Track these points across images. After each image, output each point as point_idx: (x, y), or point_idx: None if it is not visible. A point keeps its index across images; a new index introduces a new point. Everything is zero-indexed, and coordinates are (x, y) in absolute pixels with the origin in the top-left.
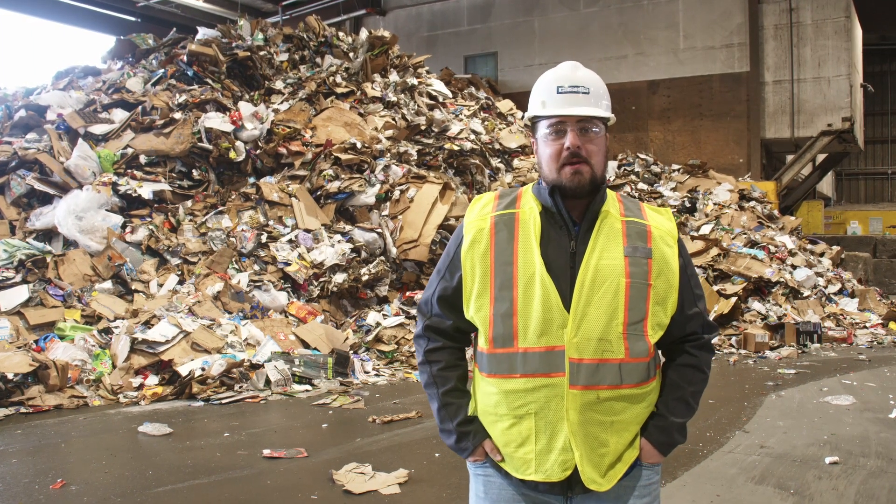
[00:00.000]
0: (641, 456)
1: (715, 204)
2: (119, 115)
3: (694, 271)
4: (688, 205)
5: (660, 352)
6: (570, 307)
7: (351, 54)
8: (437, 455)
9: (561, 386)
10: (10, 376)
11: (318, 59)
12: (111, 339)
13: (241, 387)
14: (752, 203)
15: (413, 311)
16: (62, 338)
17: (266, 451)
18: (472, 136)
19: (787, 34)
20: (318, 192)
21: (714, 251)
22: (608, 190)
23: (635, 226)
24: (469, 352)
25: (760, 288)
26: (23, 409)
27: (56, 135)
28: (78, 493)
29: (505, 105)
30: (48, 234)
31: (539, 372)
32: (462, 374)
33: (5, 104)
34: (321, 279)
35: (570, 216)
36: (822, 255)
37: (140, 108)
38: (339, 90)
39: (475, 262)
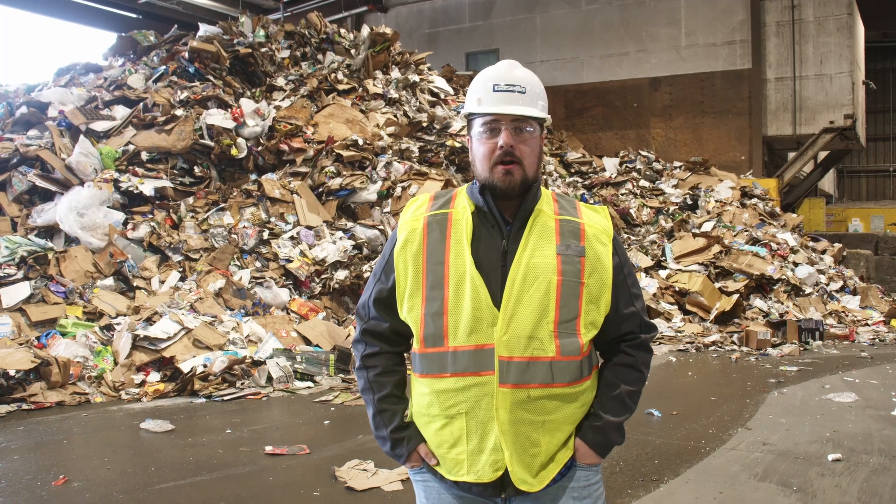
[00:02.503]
0: (576, 456)
1: (717, 201)
2: (120, 111)
3: (631, 270)
4: (689, 202)
5: (598, 352)
6: (501, 305)
7: (353, 51)
8: None
9: (491, 384)
10: (11, 373)
11: (320, 56)
12: (113, 335)
13: (242, 384)
14: (754, 200)
15: None
16: (64, 334)
17: (268, 448)
18: None
19: (790, 31)
20: (320, 189)
21: (716, 248)
22: (543, 189)
23: (569, 224)
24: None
25: (762, 285)
26: (25, 406)
27: (58, 131)
28: (80, 489)
29: None
30: (50, 231)
31: (469, 371)
32: (399, 380)
33: (7, 101)
34: (323, 276)
35: (503, 215)
36: (823, 252)
37: (141, 104)
38: (340, 87)
39: (408, 263)
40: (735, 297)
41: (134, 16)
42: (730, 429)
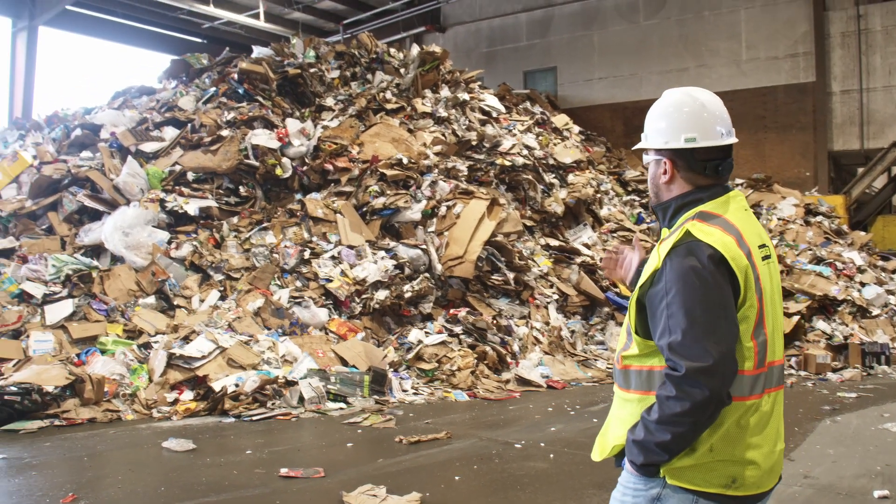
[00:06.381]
0: None
1: (779, 219)
2: (170, 133)
3: (676, 300)
4: None
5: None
6: None
7: (402, 70)
8: (456, 478)
9: None
10: (50, 389)
11: (370, 76)
12: (150, 353)
13: (273, 404)
14: (819, 218)
15: (456, 329)
16: (103, 352)
17: (283, 471)
18: (525, 151)
19: (856, 42)
20: (364, 209)
21: None
22: (687, 214)
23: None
24: None
25: (826, 306)
26: (57, 422)
27: (108, 153)
28: None
29: (560, 120)
30: (96, 250)
31: None
32: None
33: (64, 124)
34: (363, 296)
35: None
36: (894, 272)
37: (189, 125)
38: (389, 106)
39: None
40: (795, 318)
41: (199, 40)
42: None
